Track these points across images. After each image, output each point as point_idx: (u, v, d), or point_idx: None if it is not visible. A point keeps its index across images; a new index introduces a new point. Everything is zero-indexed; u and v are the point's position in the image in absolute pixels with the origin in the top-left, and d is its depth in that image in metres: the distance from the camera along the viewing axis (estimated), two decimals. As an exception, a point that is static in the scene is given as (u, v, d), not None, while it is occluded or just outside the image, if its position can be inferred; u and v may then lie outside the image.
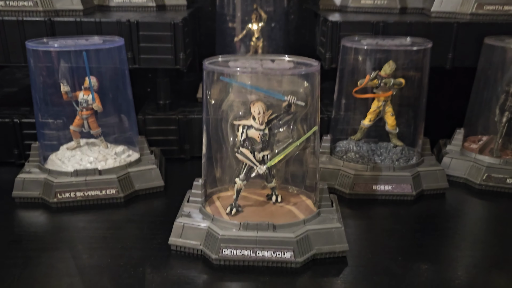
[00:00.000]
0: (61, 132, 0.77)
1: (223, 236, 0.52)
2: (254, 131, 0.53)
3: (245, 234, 0.52)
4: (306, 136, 0.55)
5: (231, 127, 0.55)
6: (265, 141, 0.54)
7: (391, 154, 0.77)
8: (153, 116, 0.89)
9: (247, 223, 0.52)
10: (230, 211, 0.56)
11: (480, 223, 0.70)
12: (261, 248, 0.51)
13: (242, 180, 0.57)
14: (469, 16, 0.89)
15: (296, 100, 0.52)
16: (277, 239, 0.51)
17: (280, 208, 0.59)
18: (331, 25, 0.86)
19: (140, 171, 0.75)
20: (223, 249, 0.51)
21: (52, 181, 0.70)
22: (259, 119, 0.53)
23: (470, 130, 0.86)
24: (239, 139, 0.54)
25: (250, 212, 0.57)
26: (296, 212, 0.57)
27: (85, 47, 0.71)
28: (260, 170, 0.55)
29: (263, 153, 0.55)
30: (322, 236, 0.53)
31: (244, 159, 0.55)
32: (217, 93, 0.57)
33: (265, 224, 0.52)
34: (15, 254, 0.58)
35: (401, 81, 0.75)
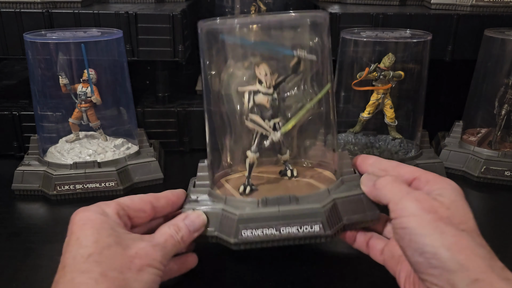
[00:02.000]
0: (60, 125, 0.77)
1: (241, 216, 0.45)
2: (262, 96, 0.48)
3: (265, 211, 0.45)
4: (319, 96, 0.49)
5: (237, 94, 0.49)
6: (275, 107, 0.48)
7: (390, 147, 0.77)
8: (152, 109, 0.89)
9: (266, 198, 0.46)
10: (244, 190, 0.50)
11: (478, 216, 0.69)
12: (285, 224, 0.44)
13: (254, 152, 0.50)
14: (469, 8, 0.89)
15: (306, 54, 0.47)
16: (303, 211, 0.45)
17: (298, 182, 0.53)
18: (331, 17, 0.86)
19: (139, 164, 0.75)
20: (242, 230, 0.44)
21: (51, 174, 0.70)
22: (266, 81, 0.47)
23: (469, 122, 0.86)
24: (246, 106, 0.49)
25: (266, 189, 0.51)
26: (316, 183, 0.51)
27: (83, 39, 0.71)
28: (274, 136, 0.49)
29: (274, 120, 0.49)
30: (351, 204, 0.46)
31: (255, 126, 0.49)
32: (217, 60, 0.50)
33: (286, 198, 0.46)
34: (15, 246, 0.59)
35: (401, 73, 0.74)
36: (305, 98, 0.50)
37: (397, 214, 0.40)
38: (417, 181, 0.44)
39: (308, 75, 0.49)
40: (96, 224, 0.38)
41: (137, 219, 0.43)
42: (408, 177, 0.45)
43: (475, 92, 0.85)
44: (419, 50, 0.75)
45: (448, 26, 0.86)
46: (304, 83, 0.50)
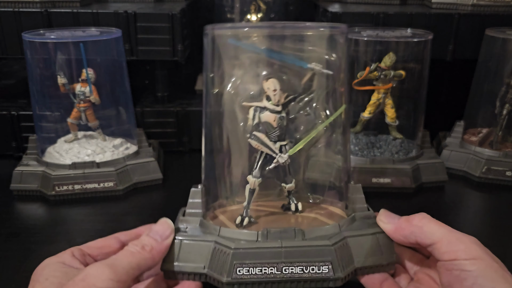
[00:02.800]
0: (59, 125, 0.77)
1: (236, 251, 0.38)
2: (269, 114, 0.43)
3: (266, 245, 0.39)
4: (333, 116, 0.44)
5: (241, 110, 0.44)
6: (282, 127, 0.43)
7: (391, 147, 0.77)
8: (151, 109, 0.88)
9: (267, 230, 0.40)
10: (241, 222, 0.44)
11: (479, 216, 0.70)
12: (288, 263, 0.38)
13: (256, 177, 0.44)
14: (470, 7, 0.89)
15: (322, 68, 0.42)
16: (310, 249, 0.39)
17: (303, 218, 0.46)
18: (331, 16, 0.85)
19: (138, 164, 0.75)
20: (237, 268, 0.38)
21: (50, 174, 0.70)
22: (275, 98, 0.42)
23: (470, 122, 0.86)
24: (250, 123, 0.44)
25: (266, 223, 0.45)
26: (324, 219, 0.45)
27: (82, 38, 0.70)
28: (281, 159, 0.43)
29: (281, 143, 0.44)
30: (365, 244, 0.40)
31: (259, 145, 0.44)
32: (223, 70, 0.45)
33: (291, 231, 0.40)
34: (14, 246, 0.58)
35: (401, 73, 0.74)
36: (316, 119, 0.45)
37: (454, 257, 0.36)
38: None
39: (322, 94, 0.44)
40: (50, 267, 0.37)
41: (103, 255, 0.40)
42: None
43: (476, 91, 0.85)
44: (420, 49, 0.75)
45: (449, 26, 0.86)
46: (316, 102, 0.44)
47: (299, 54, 0.43)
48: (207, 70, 0.45)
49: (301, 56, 0.43)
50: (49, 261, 0.37)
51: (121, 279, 0.35)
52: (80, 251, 0.39)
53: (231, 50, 0.44)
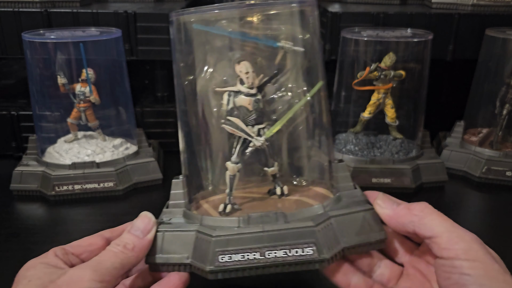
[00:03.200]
0: (59, 125, 0.77)
1: (218, 238, 0.38)
2: (244, 98, 0.42)
3: (247, 231, 0.38)
4: (309, 95, 0.43)
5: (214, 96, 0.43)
6: (258, 110, 0.42)
7: (391, 147, 0.77)
8: (151, 109, 0.88)
9: (248, 216, 0.39)
10: (224, 209, 0.44)
11: (479, 216, 0.70)
12: (271, 247, 0.37)
13: (234, 162, 0.43)
14: (470, 7, 0.89)
15: (292, 46, 0.40)
16: (292, 231, 0.38)
17: (288, 201, 0.45)
18: (331, 16, 0.85)
19: (138, 164, 0.75)
20: (220, 255, 0.37)
21: (50, 174, 0.70)
22: (248, 80, 0.41)
23: (470, 122, 0.86)
24: (224, 108, 0.43)
25: (250, 208, 0.44)
26: (308, 201, 0.44)
27: (82, 38, 0.70)
28: (257, 141, 0.42)
29: (259, 126, 0.43)
30: (352, 223, 0.39)
31: (234, 131, 0.42)
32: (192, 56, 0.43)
33: (272, 215, 0.39)
34: (14, 246, 0.58)
35: (401, 73, 0.74)
36: (293, 98, 0.43)
37: (454, 255, 0.35)
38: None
39: (297, 73, 0.43)
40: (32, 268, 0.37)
41: (88, 253, 0.39)
42: None
43: (476, 92, 0.85)
44: (420, 49, 0.75)
45: (449, 26, 0.86)
46: (292, 82, 0.43)
47: (269, 34, 0.41)
48: (176, 60, 0.43)
49: (271, 35, 0.41)
50: (31, 262, 0.37)
51: (105, 280, 0.34)
52: (63, 250, 0.39)
53: (199, 35, 0.42)
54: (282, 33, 0.42)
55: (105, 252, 0.37)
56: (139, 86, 1.00)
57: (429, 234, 0.37)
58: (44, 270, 0.36)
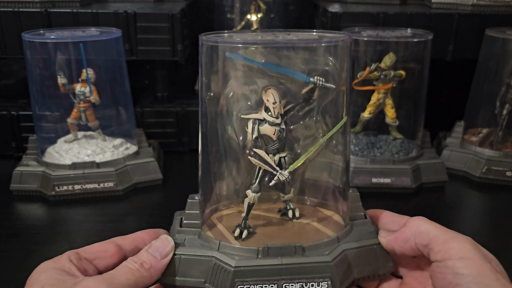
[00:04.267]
0: (59, 125, 0.77)
1: (237, 269, 0.39)
2: (268, 127, 0.41)
3: (266, 263, 0.39)
4: (334, 130, 0.43)
5: (238, 121, 0.43)
6: (282, 139, 0.42)
7: (391, 147, 0.77)
8: (151, 109, 0.88)
9: (267, 247, 0.40)
10: (240, 234, 0.43)
11: (480, 216, 0.70)
12: (288, 279, 0.38)
13: (255, 192, 0.43)
14: (470, 7, 0.89)
15: (325, 82, 0.41)
16: (310, 265, 0.39)
17: (301, 226, 0.46)
18: (331, 16, 0.85)
19: (138, 164, 0.75)
20: (239, 285, 0.38)
21: (50, 174, 0.70)
22: (275, 110, 0.41)
23: (470, 122, 0.86)
24: (250, 138, 0.42)
25: (265, 233, 0.44)
26: (322, 229, 0.45)
27: (82, 38, 0.70)
28: (281, 176, 0.42)
29: (280, 155, 0.43)
30: (364, 256, 0.41)
31: (260, 163, 0.42)
32: (219, 80, 0.44)
33: (291, 247, 0.40)
34: (14, 247, 0.58)
35: (402, 73, 0.74)
36: (317, 131, 0.43)
37: (448, 255, 0.35)
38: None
39: (322, 105, 0.43)
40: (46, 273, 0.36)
41: (100, 259, 0.39)
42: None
43: (476, 92, 0.85)
44: (420, 49, 0.75)
45: (449, 26, 0.86)
46: (316, 113, 0.43)
47: (299, 67, 0.41)
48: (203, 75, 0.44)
49: (301, 68, 0.41)
50: (45, 265, 0.37)
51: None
52: (77, 255, 0.38)
53: (229, 61, 0.42)
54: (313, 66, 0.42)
55: (121, 267, 0.37)
56: (139, 86, 1.00)
57: (426, 241, 0.38)
58: (57, 277, 0.35)
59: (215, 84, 0.44)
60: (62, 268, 0.36)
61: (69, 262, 0.37)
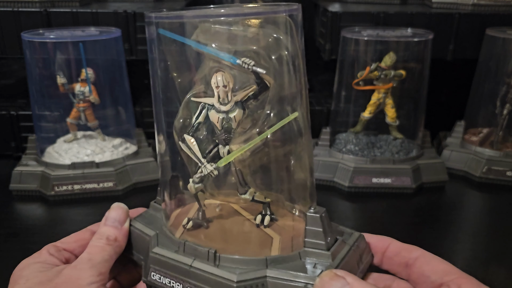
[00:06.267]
0: (58, 125, 0.77)
1: (153, 255, 0.38)
2: (214, 113, 0.38)
3: (179, 259, 0.37)
4: (276, 126, 0.37)
5: (186, 105, 0.39)
6: (228, 129, 0.38)
7: (391, 147, 0.77)
8: (151, 109, 0.87)
9: (184, 243, 0.37)
10: (186, 223, 0.41)
11: (480, 216, 0.70)
12: (193, 285, 0.36)
13: (195, 182, 0.40)
14: (471, 7, 0.88)
15: (254, 66, 0.35)
16: (214, 278, 0.35)
17: (257, 233, 0.40)
18: (331, 16, 0.85)
19: (138, 164, 0.74)
20: (152, 272, 0.38)
21: (49, 174, 0.70)
22: (219, 94, 0.36)
23: (471, 122, 0.85)
24: (193, 121, 0.39)
25: (214, 230, 0.41)
26: (275, 243, 0.39)
27: (81, 38, 0.70)
28: (205, 169, 0.38)
29: (231, 147, 0.38)
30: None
31: (187, 151, 0.39)
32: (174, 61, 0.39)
33: (205, 252, 0.36)
34: (13, 246, 0.58)
35: (402, 72, 0.74)
36: (262, 124, 0.37)
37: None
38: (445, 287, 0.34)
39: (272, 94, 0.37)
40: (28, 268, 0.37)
41: (80, 248, 0.40)
42: (436, 279, 0.34)
43: (476, 91, 0.85)
44: (420, 49, 0.75)
45: (449, 25, 0.86)
46: (267, 107, 0.37)
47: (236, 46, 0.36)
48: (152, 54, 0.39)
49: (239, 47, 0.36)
50: (26, 261, 0.37)
51: (101, 272, 0.36)
52: (55, 247, 0.39)
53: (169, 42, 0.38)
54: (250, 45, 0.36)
55: (92, 247, 0.38)
56: (139, 86, 1.00)
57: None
58: (40, 269, 0.36)
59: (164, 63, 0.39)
60: (44, 261, 0.37)
61: (49, 255, 0.38)
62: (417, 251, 0.36)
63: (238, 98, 0.37)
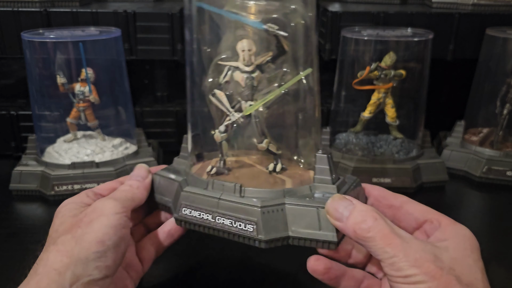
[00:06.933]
0: (58, 125, 0.77)
1: (185, 193, 0.44)
2: (239, 74, 0.45)
3: (208, 194, 0.43)
4: (293, 80, 0.44)
5: (215, 67, 0.46)
6: (251, 87, 0.45)
7: (391, 147, 0.77)
8: (151, 108, 0.88)
9: (213, 181, 0.44)
10: (210, 170, 0.48)
11: (480, 216, 0.70)
12: (221, 214, 0.42)
13: (221, 132, 0.47)
14: (471, 7, 0.88)
15: (278, 30, 0.42)
16: (241, 206, 0.41)
17: (271, 177, 0.47)
18: (331, 16, 0.85)
19: (137, 164, 0.74)
20: (183, 208, 0.44)
21: (49, 174, 0.70)
22: (244, 57, 0.44)
23: (471, 122, 0.86)
24: (220, 81, 0.46)
25: (235, 176, 0.47)
26: (288, 182, 0.46)
27: (81, 38, 0.70)
28: (233, 117, 0.45)
29: (250, 102, 0.45)
30: (302, 216, 0.41)
31: (217, 103, 0.46)
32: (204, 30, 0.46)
33: (231, 186, 0.43)
34: (13, 246, 0.58)
35: (402, 72, 0.74)
36: (280, 80, 0.45)
37: (394, 275, 0.34)
38: (429, 224, 0.39)
39: (288, 55, 0.44)
40: (66, 206, 0.44)
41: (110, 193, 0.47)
42: (418, 217, 0.40)
43: (476, 91, 0.85)
44: (420, 49, 0.75)
45: (449, 25, 0.86)
46: (285, 65, 0.45)
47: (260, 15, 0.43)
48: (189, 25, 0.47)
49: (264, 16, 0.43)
50: (67, 201, 0.45)
51: (124, 206, 0.42)
52: (92, 192, 0.47)
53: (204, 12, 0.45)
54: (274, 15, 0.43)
55: (118, 190, 0.46)
56: (139, 85, 1.00)
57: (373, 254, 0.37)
58: (75, 206, 0.44)
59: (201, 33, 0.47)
60: (80, 201, 0.45)
61: (86, 197, 0.46)
62: (402, 197, 0.43)
63: (258, 61, 0.44)
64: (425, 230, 0.40)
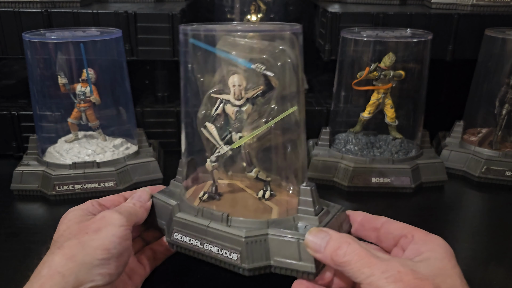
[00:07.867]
0: (59, 125, 0.77)
1: (177, 219, 0.47)
2: (230, 107, 0.48)
3: (197, 221, 0.46)
4: (280, 117, 0.47)
5: (208, 99, 0.49)
6: (241, 120, 0.47)
7: (390, 147, 0.77)
8: (152, 109, 0.88)
9: (202, 209, 0.47)
10: (203, 195, 0.51)
11: (479, 216, 0.70)
12: (209, 241, 0.45)
13: (212, 161, 0.50)
14: (470, 8, 0.89)
15: (264, 70, 0.45)
16: (227, 235, 0.44)
17: (261, 205, 0.50)
18: (331, 16, 0.86)
19: (138, 164, 0.75)
20: (175, 233, 0.47)
21: (50, 174, 0.70)
22: (235, 91, 0.47)
23: (470, 122, 0.86)
24: (212, 112, 0.49)
25: (225, 202, 0.50)
26: (275, 211, 0.48)
27: (82, 38, 0.70)
28: (222, 149, 0.48)
29: (239, 134, 0.48)
30: (285, 247, 0.43)
31: (208, 136, 0.49)
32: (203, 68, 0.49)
33: (219, 215, 0.45)
34: (14, 246, 0.59)
35: (401, 73, 0.74)
36: (268, 115, 0.47)
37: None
38: (404, 239, 0.41)
39: (279, 94, 0.47)
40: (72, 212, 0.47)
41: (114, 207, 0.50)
42: (395, 234, 0.43)
43: (475, 92, 0.85)
44: (420, 49, 0.75)
45: (448, 26, 0.86)
46: (273, 101, 0.47)
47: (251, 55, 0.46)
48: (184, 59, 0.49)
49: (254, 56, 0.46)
50: (73, 208, 0.48)
51: (128, 220, 0.46)
52: (97, 202, 0.50)
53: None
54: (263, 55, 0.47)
55: (123, 206, 0.49)
56: (140, 86, 1.01)
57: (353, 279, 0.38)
58: (81, 213, 0.46)
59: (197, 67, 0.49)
60: (86, 209, 0.47)
61: (91, 206, 0.48)
62: (382, 218, 0.46)
63: (248, 95, 0.47)
64: (401, 245, 0.42)
